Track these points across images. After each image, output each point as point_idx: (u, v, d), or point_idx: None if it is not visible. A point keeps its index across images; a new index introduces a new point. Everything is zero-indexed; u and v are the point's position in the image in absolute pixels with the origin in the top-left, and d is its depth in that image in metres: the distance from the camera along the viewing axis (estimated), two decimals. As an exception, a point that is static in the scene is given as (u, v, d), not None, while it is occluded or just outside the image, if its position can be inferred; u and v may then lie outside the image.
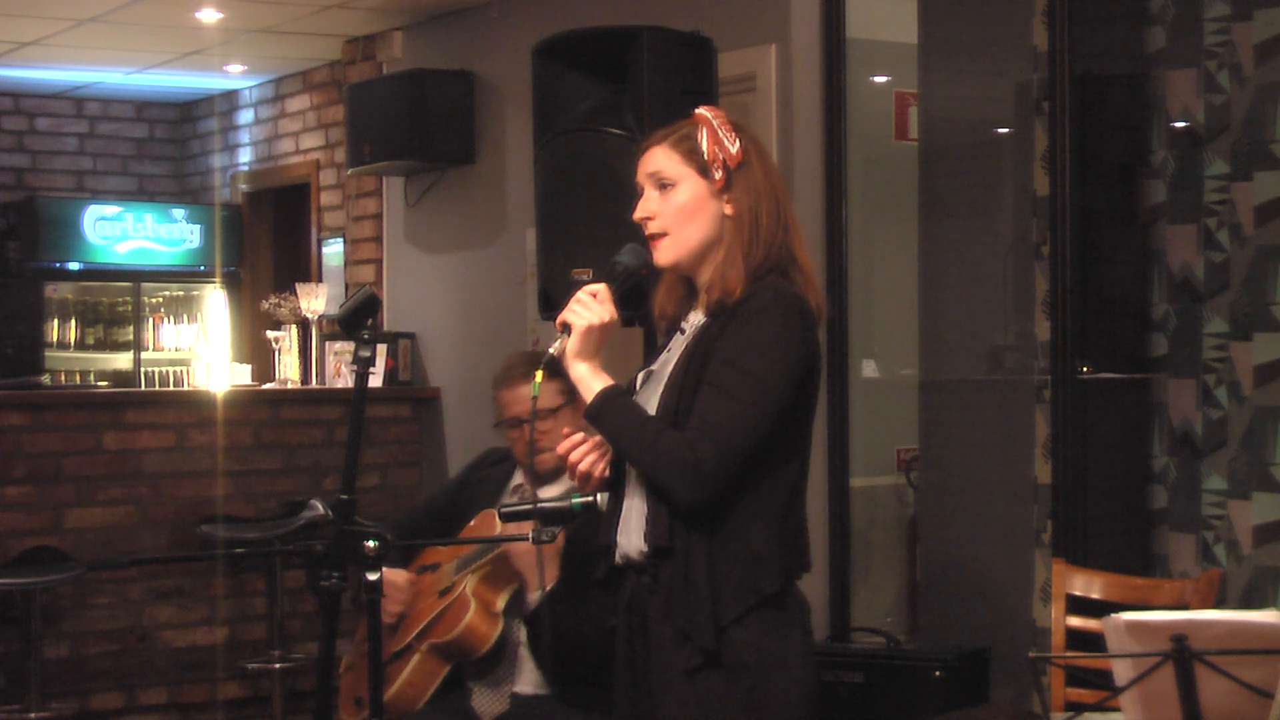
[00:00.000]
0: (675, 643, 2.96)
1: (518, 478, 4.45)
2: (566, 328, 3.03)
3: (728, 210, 3.02)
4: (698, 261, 3.05)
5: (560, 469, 4.28)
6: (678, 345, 3.07)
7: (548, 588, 4.07)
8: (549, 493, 4.29)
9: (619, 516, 3.07)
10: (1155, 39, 4.97)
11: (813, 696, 3.01)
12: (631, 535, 3.03)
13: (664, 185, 3.04)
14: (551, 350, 3.04)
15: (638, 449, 2.95)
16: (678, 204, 3.03)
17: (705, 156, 3.01)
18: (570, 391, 4.29)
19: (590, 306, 3.02)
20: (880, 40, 5.90)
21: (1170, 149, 4.92)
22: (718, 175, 3.01)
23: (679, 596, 2.94)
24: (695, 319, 3.08)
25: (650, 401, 3.02)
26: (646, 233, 3.06)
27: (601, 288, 3.05)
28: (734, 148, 3.02)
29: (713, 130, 3.02)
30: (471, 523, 4.38)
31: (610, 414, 2.99)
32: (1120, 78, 5.16)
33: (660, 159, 3.05)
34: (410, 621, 4.32)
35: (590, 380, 3.01)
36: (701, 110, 3.07)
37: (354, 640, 4.55)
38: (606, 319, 3.02)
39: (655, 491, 2.96)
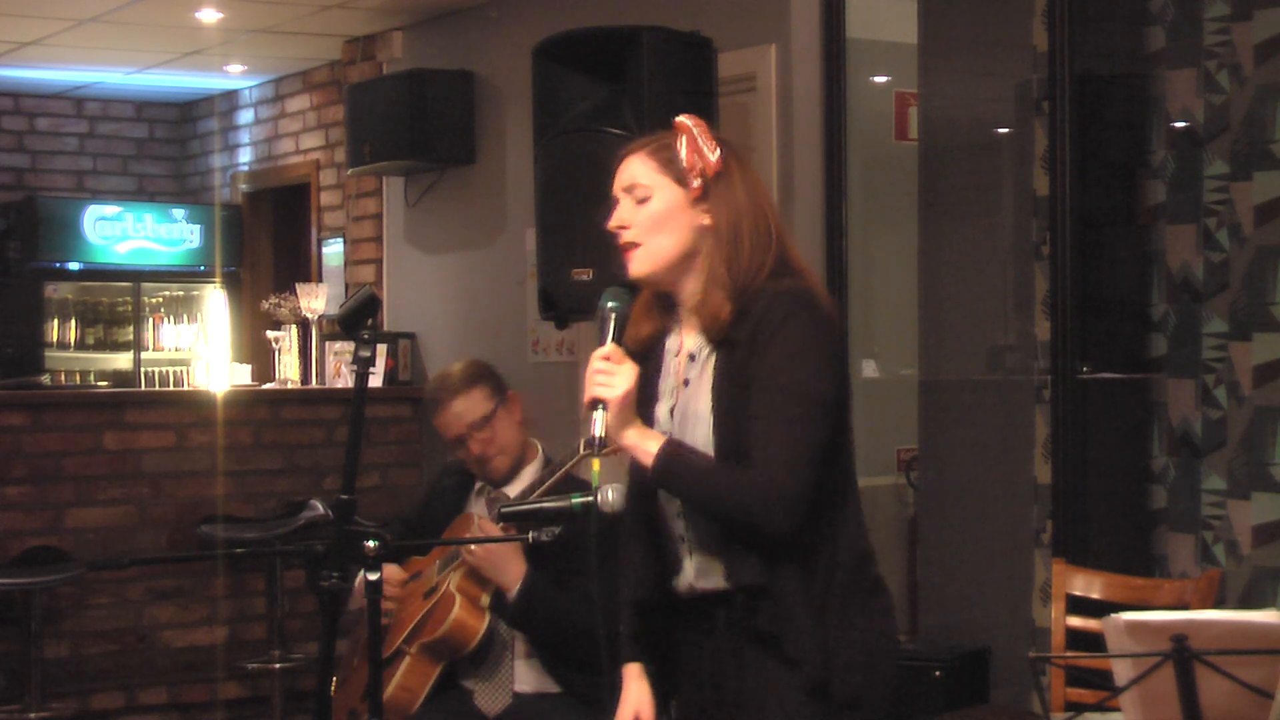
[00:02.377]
0: (785, 667, 2.89)
1: (479, 480, 4.49)
2: (598, 403, 2.89)
3: (705, 221, 2.93)
4: (674, 274, 2.96)
5: (516, 469, 4.37)
6: (695, 376, 2.97)
7: (517, 584, 4.11)
8: (511, 492, 4.37)
9: (668, 570, 3.00)
10: (1155, 39, 4.97)
11: (896, 687, 2.99)
12: (707, 576, 2.95)
13: (639, 196, 2.96)
14: (596, 434, 2.89)
15: (715, 501, 2.87)
16: (651, 213, 2.94)
17: (683, 164, 2.93)
18: (500, 393, 4.38)
19: (614, 373, 2.89)
20: (880, 40, 5.90)
21: (1170, 149, 4.92)
22: (695, 184, 2.93)
23: (790, 627, 2.88)
24: (693, 343, 2.99)
25: (695, 442, 2.92)
26: (620, 242, 2.97)
27: (612, 348, 2.92)
28: (713, 156, 2.94)
29: (692, 138, 2.94)
30: (456, 522, 4.41)
31: (679, 475, 2.89)
32: (1120, 78, 5.16)
33: (636, 168, 2.98)
34: (397, 626, 4.33)
35: (643, 443, 2.90)
36: (681, 119, 2.99)
37: (344, 655, 4.54)
38: (633, 380, 2.90)
39: (733, 535, 2.89)
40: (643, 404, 2.99)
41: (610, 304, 2.97)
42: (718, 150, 2.95)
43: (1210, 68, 4.75)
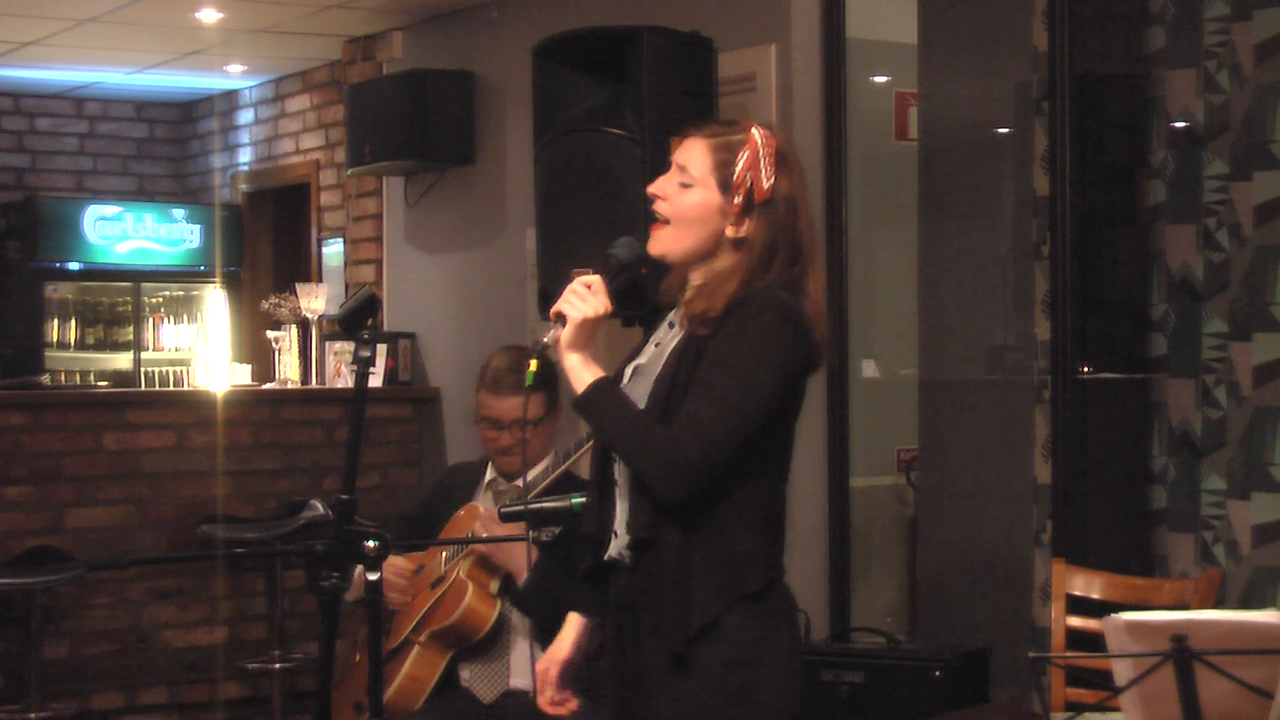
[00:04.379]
0: (658, 640, 2.97)
1: (489, 473, 4.49)
2: (560, 318, 3.03)
3: (729, 232, 3.01)
4: (686, 263, 3.06)
5: (527, 465, 4.37)
6: (666, 340, 3.08)
7: (528, 570, 4.13)
8: (519, 484, 4.36)
9: (612, 510, 3.08)
10: (1155, 39, 4.97)
11: (801, 695, 3.03)
12: (620, 530, 3.04)
13: (684, 181, 3.04)
14: (545, 339, 3.04)
15: (625, 442, 2.96)
16: (686, 204, 3.03)
17: (734, 177, 3.00)
18: (551, 407, 4.39)
19: (585, 298, 3.03)
20: (880, 40, 5.90)
21: (1170, 149, 4.92)
22: (736, 200, 3.00)
23: (659, 594, 2.96)
24: (676, 315, 3.09)
25: (639, 396, 3.02)
26: (654, 208, 3.07)
27: (596, 279, 3.05)
28: (767, 182, 3.00)
29: (754, 157, 3.01)
30: (460, 513, 4.41)
31: (600, 406, 2.99)
32: (1120, 78, 5.16)
33: (694, 156, 3.05)
34: (404, 617, 4.33)
35: (581, 371, 3.01)
36: (756, 131, 3.04)
37: (344, 649, 4.54)
38: (600, 311, 3.03)
39: (638, 485, 2.97)
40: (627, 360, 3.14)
41: (617, 251, 3.11)
42: (774, 177, 3.01)
43: (1210, 68, 4.75)
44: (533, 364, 3.10)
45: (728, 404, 2.90)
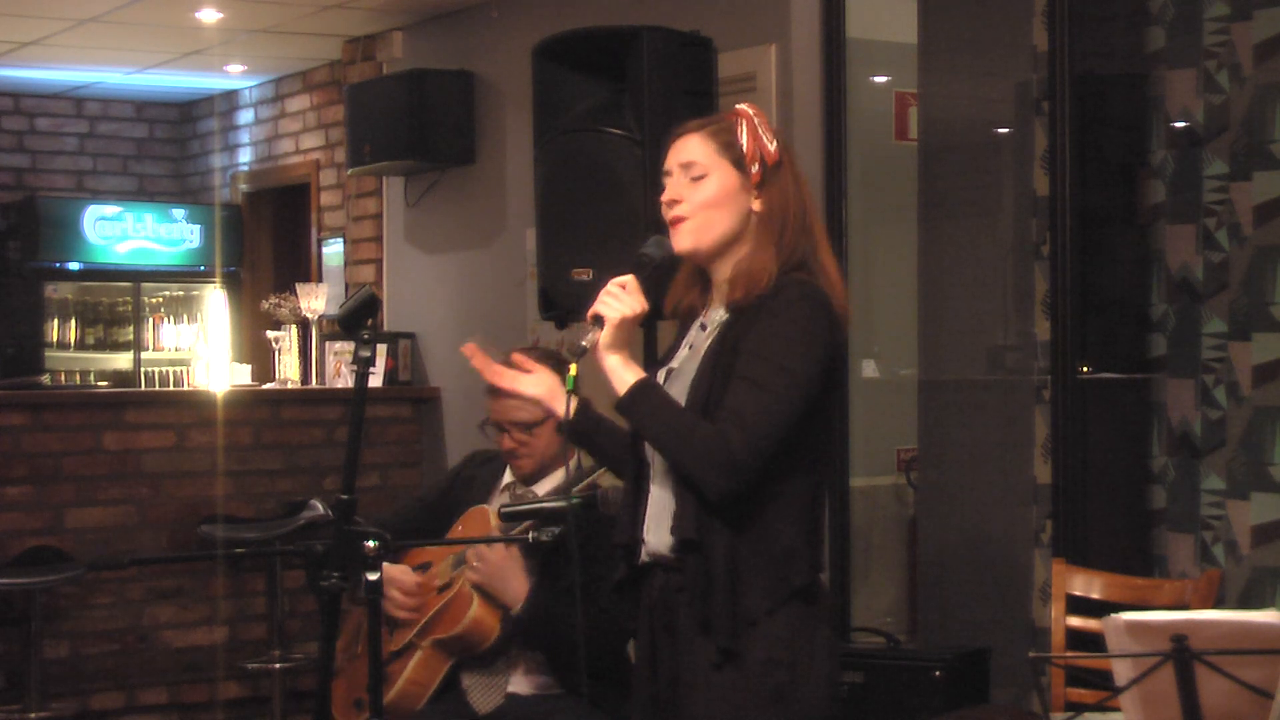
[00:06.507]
0: (703, 637, 2.97)
1: (507, 476, 4.47)
2: (598, 319, 3.02)
3: (755, 206, 3.03)
4: (716, 253, 3.06)
5: (545, 469, 4.35)
6: (700, 341, 3.07)
7: (520, 602, 4.09)
8: (539, 491, 4.33)
9: (644, 514, 3.06)
10: (1155, 39, 4.97)
11: (837, 694, 3.03)
12: (661, 531, 3.03)
13: (695, 174, 3.04)
14: (584, 343, 3.02)
15: (671, 441, 2.95)
16: (707, 193, 3.03)
17: (744, 151, 3.02)
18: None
19: (621, 298, 3.02)
20: (880, 40, 5.90)
21: (1170, 149, 4.92)
22: (754, 170, 3.02)
23: (704, 591, 2.95)
24: (716, 315, 3.08)
25: (676, 397, 3.01)
26: (670, 216, 3.06)
27: (630, 279, 3.04)
28: (772, 145, 3.04)
29: (753, 126, 3.04)
30: (462, 519, 4.39)
31: (643, 406, 2.98)
32: (1120, 78, 5.16)
33: (695, 147, 3.06)
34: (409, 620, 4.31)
35: (622, 372, 3.01)
36: (743, 106, 3.09)
37: (342, 643, 4.52)
38: (638, 309, 3.02)
39: (684, 483, 2.96)
40: (658, 365, 3.14)
41: (648, 249, 3.09)
42: (775, 140, 3.06)
43: (1210, 68, 4.75)
44: (573, 368, 3.06)
45: (770, 394, 2.90)
